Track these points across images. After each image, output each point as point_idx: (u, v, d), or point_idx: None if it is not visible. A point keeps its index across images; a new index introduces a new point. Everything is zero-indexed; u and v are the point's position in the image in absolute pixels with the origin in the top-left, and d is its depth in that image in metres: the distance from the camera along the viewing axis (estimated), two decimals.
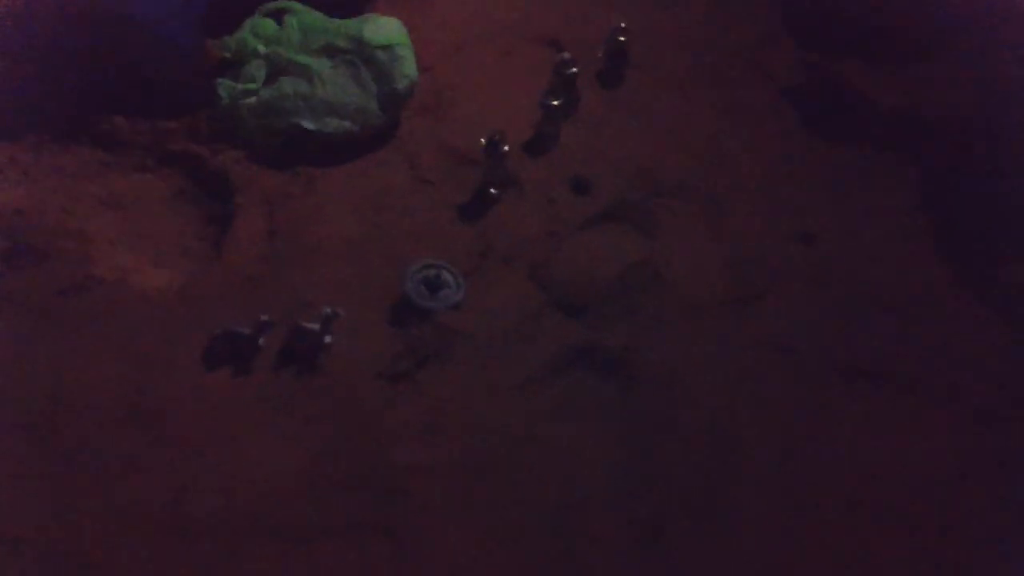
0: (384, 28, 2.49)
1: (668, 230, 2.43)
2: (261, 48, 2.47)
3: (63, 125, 2.48)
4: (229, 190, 2.42)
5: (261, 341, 2.12)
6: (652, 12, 2.96)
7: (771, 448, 2.11)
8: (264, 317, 2.10)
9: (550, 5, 2.96)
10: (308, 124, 2.40)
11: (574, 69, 2.57)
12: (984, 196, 2.50)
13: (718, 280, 2.35)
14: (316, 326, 2.10)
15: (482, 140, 2.37)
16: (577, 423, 2.11)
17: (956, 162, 2.62)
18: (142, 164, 2.46)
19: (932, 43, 2.81)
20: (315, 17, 2.50)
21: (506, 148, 2.37)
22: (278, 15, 2.55)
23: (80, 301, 2.22)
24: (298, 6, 2.52)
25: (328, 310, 2.08)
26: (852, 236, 2.46)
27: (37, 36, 2.46)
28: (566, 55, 2.58)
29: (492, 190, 2.40)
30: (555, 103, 2.49)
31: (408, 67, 2.48)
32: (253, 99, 2.42)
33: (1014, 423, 2.18)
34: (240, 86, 2.44)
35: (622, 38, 2.69)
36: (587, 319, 2.25)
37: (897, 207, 2.55)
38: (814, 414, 2.17)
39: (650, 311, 2.27)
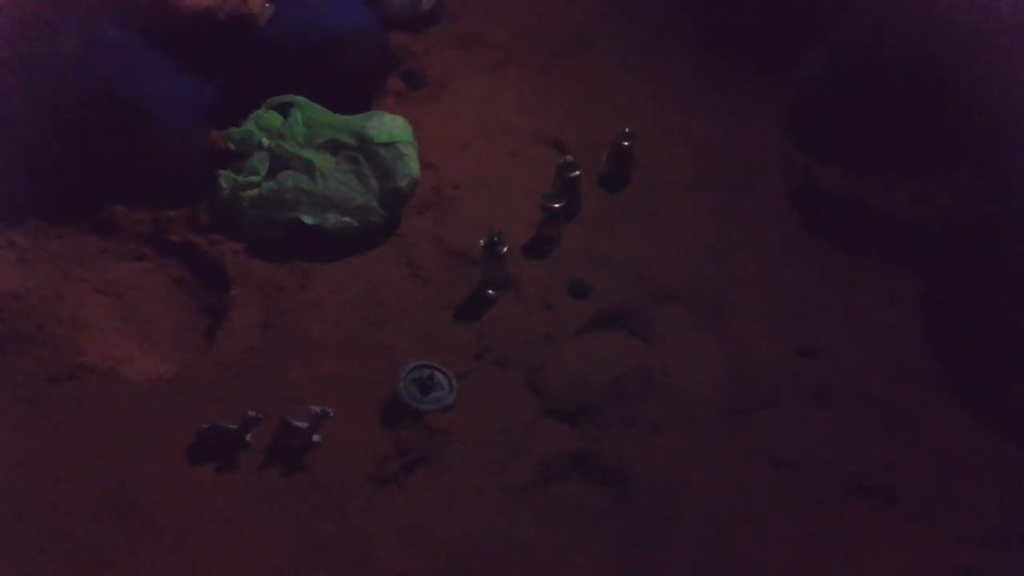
0: (388, 126, 2.49)
1: (667, 337, 2.40)
2: (265, 141, 2.47)
3: (63, 210, 2.48)
4: (225, 281, 2.40)
5: (248, 437, 2.08)
6: (658, 116, 2.97)
7: (770, 567, 2.04)
8: (252, 413, 2.07)
9: (555, 106, 2.98)
10: (308, 219, 2.40)
11: (577, 172, 2.57)
12: (988, 313, 2.46)
13: (717, 389, 2.31)
14: (305, 424, 2.06)
15: (480, 242, 2.35)
16: (568, 533, 2.05)
17: (961, 276, 2.59)
18: (140, 252, 2.44)
19: (942, 156, 2.80)
20: (320, 112, 2.50)
21: (505, 249, 2.35)
22: (284, 109, 2.56)
23: (68, 389, 2.19)
24: (304, 101, 2.53)
25: (317, 409, 2.05)
26: (854, 348, 2.42)
27: (40, 120, 2.47)
28: (569, 158, 2.59)
29: (490, 291, 2.38)
30: (556, 206, 2.47)
31: (411, 165, 2.47)
32: (255, 192, 2.42)
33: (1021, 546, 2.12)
34: (242, 178, 2.44)
35: (626, 142, 2.68)
36: (582, 425, 2.20)
37: (900, 320, 2.51)
38: (815, 531, 2.11)
39: (646, 419, 2.22)
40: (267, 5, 2.49)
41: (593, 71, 3.12)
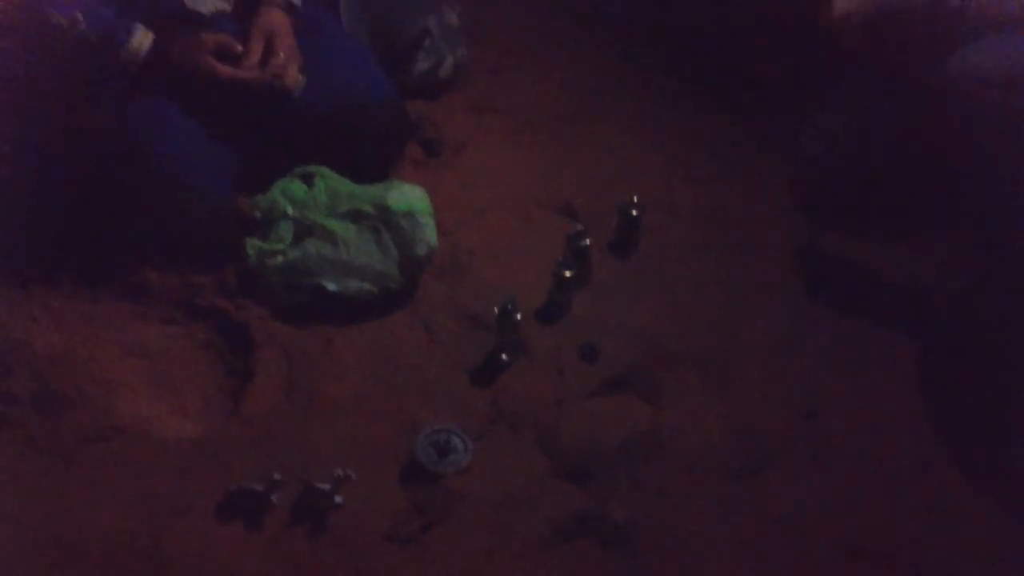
0: (408, 196, 2.60)
1: (673, 399, 2.50)
2: (290, 210, 2.59)
3: (97, 275, 2.59)
4: (251, 345, 2.50)
5: (274, 498, 2.18)
6: (666, 184, 3.08)
7: None
8: (277, 476, 2.17)
9: (567, 173, 3.10)
10: (331, 285, 2.51)
11: (587, 241, 2.68)
12: (985, 382, 2.54)
13: (722, 451, 2.40)
14: (328, 486, 2.16)
15: (495, 308, 2.45)
16: None
17: (960, 343, 2.68)
18: (170, 316, 2.55)
19: (941, 224, 2.90)
20: (342, 183, 2.62)
21: (518, 316, 2.45)
22: (308, 178, 2.67)
23: (102, 448, 2.29)
24: (327, 171, 2.65)
25: (340, 471, 2.15)
26: (854, 413, 2.51)
27: (76, 186, 2.59)
28: (579, 227, 2.70)
29: (503, 356, 2.48)
30: (567, 274, 2.58)
31: (428, 234, 2.59)
32: (280, 259, 2.53)
33: None
34: (268, 246, 2.55)
35: (634, 211, 2.80)
36: (592, 487, 2.29)
37: (900, 384, 2.60)
38: None
39: (654, 480, 2.32)
40: (300, 78, 2.61)
41: (604, 139, 3.24)
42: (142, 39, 2.50)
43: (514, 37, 3.65)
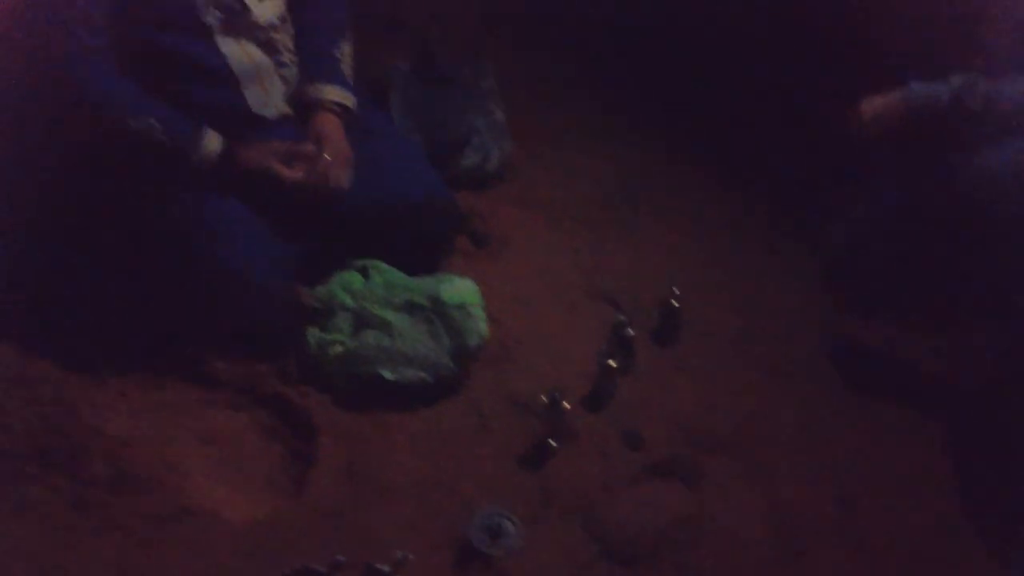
0: (459, 289, 2.75)
1: (714, 485, 2.61)
2: (348, 302, 2.73)
3: (168, 364, 2.73)
4: (313, 430, 2.64)
5: None
6: (703, 271, 3.23)
7: None
8: (339, 557, 2.29)
9: (608, 263, 3.25)
10: (387, 374, 2.64)
11: (630, 331, 2.80)
12: (1014, 470, 2.63)
13: (760, 537, 2.51)
14: (388, 568, 2.27)
15: (543, 398, 2.58)
16: None
17: (993, 428, 2.77)
18: (236, 403, 2.69)
19: (980, 309, 3.01)
20: (397, 276, 2.77)
21: (566, 405, 2.58)
22: (364, 270, 2.82)
23: (174, 530, 2.42)
24: (382, 264, 2.80)
25: (400, 554, 2.27)
26: (888, 499, 2.61)
27: (149, 282, 2.75)
28: (622, 317, 2.83)
29: (551, 442, 2.60)
30: (612, 363, 2.71)
31: (480, 325, 2.73)
32: (339, 348, 2.67)
33: None
34: (327, 336, 2.69)
35: (674, 301, 2.93)
36: (638, 571, 2.40)
37: (934, 473, 2.70)
38: None
39: (695, 565, 2.42)
40: (345, 178, 2.75)
41: (643, 228, 3.40)
42: (213, 143, 2.66)
43: (555, 129, 3.82)
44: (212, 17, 2.67)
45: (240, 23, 2.71)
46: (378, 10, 3.96)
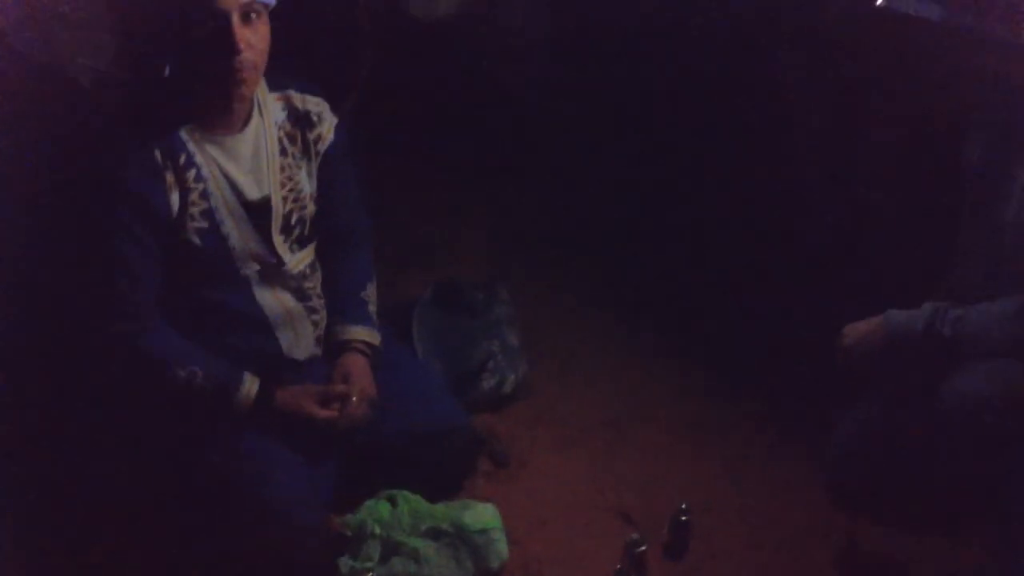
0: (481, 515, 2.94)
1: None
2: (377, 530, 2.92)
3: None
4: None
5: None
6: (711, 484, 3.40)
7: None
8: None
9: (622, 479, 3.43)
10: None
11: (643, 548, 2.96)
12: None
13: None
14: None
15: None
16: None
17: None
18: None
19: (988, 514, 3.09)
20: (423, 504, 2.96)
21: None
22: (392, 499, 3.01)
23: None
24: (408, 494, 2.99)
25: None
26: None
27: (193, 518, 2.93)
28: (635, 535, 2.99)
29: None
30: None
31: (501, 548, 2.91)
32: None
33: None
34: (358, 564, 2.87)
35: (684, 517, 3.10)
36: None
37: None
38: None
39: None
40: (368, 415, 2.97)
41: (652, 444, 3.60)
42: (251, 385, 2.90)
43: (569, 347, 4.09)
44: (250, 270, 2.94)
45: (274, 274, 2.99)
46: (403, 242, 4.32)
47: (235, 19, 2.64)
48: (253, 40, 2.72)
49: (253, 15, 2.68)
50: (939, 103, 3.17)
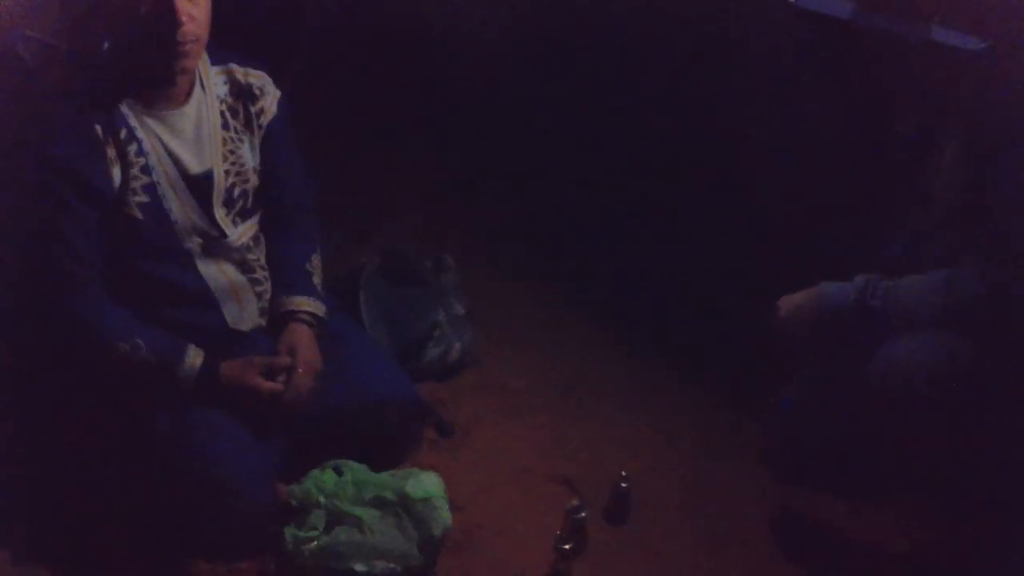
0: (424, 483, 2.98)
1: None
2: (322, 499, 2.95)
3: (151, 565, 2.91)
4: None
5: None
6: (654, 454, 3.49)
7: None
8: None
9: (566, 447, 3.50)
10: (359, 567, 2.85)
11: (583, 514, 3.03)
12: None
13: None
14: None
15: None
16: None
17: None
18: None
19: (924, 484, 3.23)
20: (366, 474, 2.99)
21: None
22: (337, 468, 3.05)
23: None
24: (353, 464, 3.02)
25: None
26: None
27: (134, 489, 2.95)
28: (575, 501, 3.05)
29: None
30: (567, 547, 2.93)
31: (444, 516, 2.95)
32: (314, 545, 2.87)
33: None
34: (303, 533, 2.89)
35: (624, 484, 3.17)
36: None
37: None
38: None
39: None
40: (313, 387, 2.99)
41: (597, 412, 3.68)
42: (195, 358, 2.92)
43: (517, 318, 4.15)
44: (193, 243, 2.96)
45: (217, 247, 3.01)
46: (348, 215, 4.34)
47: None
48: (195, 13, 2.72)
49: None
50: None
